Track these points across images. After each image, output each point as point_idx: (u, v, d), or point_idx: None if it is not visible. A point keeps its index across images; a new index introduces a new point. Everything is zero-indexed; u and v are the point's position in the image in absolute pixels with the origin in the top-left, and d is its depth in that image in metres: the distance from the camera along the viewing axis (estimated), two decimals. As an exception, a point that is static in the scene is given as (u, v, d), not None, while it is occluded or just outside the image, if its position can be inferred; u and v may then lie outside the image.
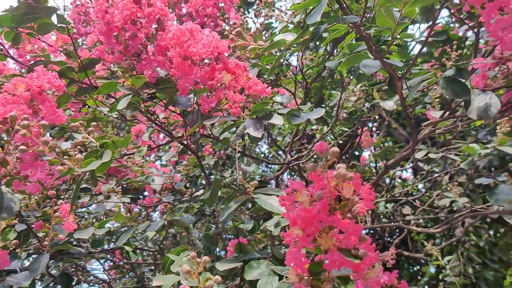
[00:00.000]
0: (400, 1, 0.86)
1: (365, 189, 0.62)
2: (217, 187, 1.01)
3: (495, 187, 1.21)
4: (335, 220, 0.57)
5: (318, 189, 0.57)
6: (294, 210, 0.59)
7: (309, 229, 0.57)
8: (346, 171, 0.57)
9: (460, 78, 0.90)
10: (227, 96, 0.93)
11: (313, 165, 0.59)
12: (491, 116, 0.95)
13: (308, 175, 0.57)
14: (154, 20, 0.98)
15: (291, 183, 0.58)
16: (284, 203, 0.58)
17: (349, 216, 0.60)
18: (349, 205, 0.61)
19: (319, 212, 0.57)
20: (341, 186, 0.62)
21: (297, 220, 0.57)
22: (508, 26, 0.68)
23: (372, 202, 0.62)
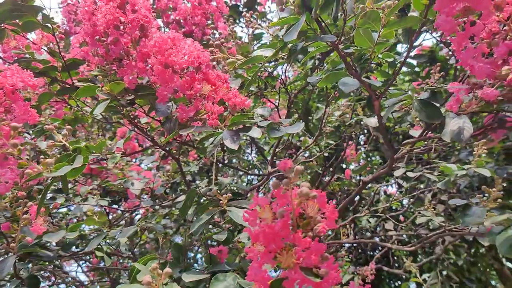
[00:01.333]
0: (378, 24, 0.87)
1: (329, 208, 0.63)
2: (190, 197, 1.01)
3: (468, 209, 1.23)
4: (296, 238, 0.57)
5: (281, 206, 0.57)
6: (257, 226, 0.59)
7: (271, 246, 0.57)
8: (308, 190, 0.58)
9: (434, 102, 0.91)
10: (205, 107, 0.93)
11: (277, 182, 0.59)
12: (463, 139, 0.97)
13: (272, 192, 0.57)
14: (137, 27, 0.98)
15: (255, 199, 0.59)
16: (248, 219, 0.58)
17: (311, 235, 0.60)
18: (311, 224, 0.61)
19: (280, 229, 0.58)
20: (306, 204, 0.63)
21: (258, 236, 0.57)
22: (477, 55, 0.70)
23: (335, 221, 0.63)
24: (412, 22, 0.89)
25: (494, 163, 2.27)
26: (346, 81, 1.01)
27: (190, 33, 1.23)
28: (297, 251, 0.59)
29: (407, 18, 0.89)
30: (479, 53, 0.71)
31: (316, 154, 2.38)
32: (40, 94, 1.33)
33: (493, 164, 2.18)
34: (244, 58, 0.90)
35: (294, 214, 0.60)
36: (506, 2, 0.65)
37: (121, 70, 1.01)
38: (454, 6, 0.69)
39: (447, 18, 0.69)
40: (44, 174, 0.75)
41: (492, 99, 0.75)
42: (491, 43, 0.70)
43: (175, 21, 1.19)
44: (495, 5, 0.66)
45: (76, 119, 1.66)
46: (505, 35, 0.71)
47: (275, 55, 0.84)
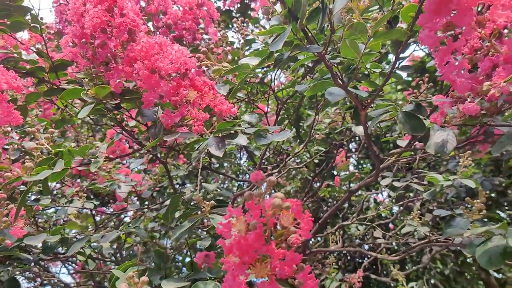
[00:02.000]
0: (364, 35, 0.88)
1: (304, 218, 0.63)
2: (174, 203, 1.00)
3: (452, 220, 1.24)
4: (270, 249, 0.57)
5: (255, 217, 0.57)
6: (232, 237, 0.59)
7: (244, 257, 0.57)
8: (281, 201, 0.58)
9: (418, 114, 0.92)
10: (190, 113, 0.93)
11: (250, 193, 0.59)
12: (446, 152, 0.98)
13: (245, 203, 0.57)
14: (125, 31, 0.98)
15: (229, 210, 0.58)
16: (222, 230, 0.58)
17: (284, 246, 0.60)
18: (285, 235, 0.62)
19: (253, 241, 0.58)
20: (282, 214, 0.63)
21: (232, 248, 0.57)
22: (459, 70, 0.71)
23: (309, 231, 0.63)
24: (398, 34, 0.90)
25: (481, 174, 2.29)
26: (332, 91, 1.02)
27: (180, 38, 1.23)
28: (272, 262, 0.59)
29: (394, 31, 0.90)
30: (461, 68, 0.72)
31: (306, 160, 2.38)
32: (27, 94, 1.32)
33: (481, 175, 2.20)
34: (230, 66, 0.90)
35: (268, 225, 0.60)
36: (488, 19, 0.66)
37: (107, 74, 1.00)
38: (437, 22, 0.70)
39: (429, 33, 0.70)
40: (23, 178, 0.74)
41: (473, 113, 0.75)
42: (472, 59, 0.71)
43: (165, 25, 1.18)
44: (477, 22, 0.67)
45: (64, 120, 1.64)
46: (487, 51, 0.71)
47: (261, 64, 0.84)
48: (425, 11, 0.69)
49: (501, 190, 2.83)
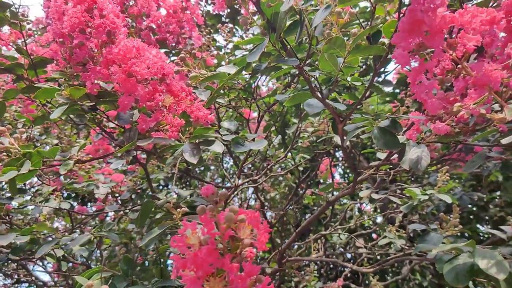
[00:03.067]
0: (343, 50, 0.88)
1: (261, 230, 0.63)
2: (146, 209, 0.99)
3: (426, 234, 1.25)
4: (224, 263, 0.57)
5: (209, 231, 0.56)
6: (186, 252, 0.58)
7: (199, 272, 0.56)
8: (233, 214, 0.58)
9: (393, 130, 0.93)
10: (165, 119, 0.92)
11: (203, 207, 0.58)
12: (420, 169, 0.99)
13: (199, 217, 0.57)
14: (103, 32, 0.97)
15: (184, 224, 0.58)
16: (176, 245, 0.57)
17: (239, 259, 0.60)
18: (240, 248, 0.61)
19: (206, 256, 0.57)
20: (239, 227, 0.63)
21: (186, 263, 0.56)
22: (429, 90, 0.72)
23: (265, 244, 0.63)
24: (376, 50, 0.90)
25: (461, 188, 2.33)
26: (311, 102, 1.02)
27: (163, 41, 1.22)
28: (229, 275, 0.58)
29: (373, 47, 0.91)
30: (431, 89, 0.72)
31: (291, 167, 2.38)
32: (6, 90, 1.30)
33: (460, 190, 2.23)
34: (207, 73, 0.90)
35: (223, 238, 0.59)
36: (458, 42, 0.66)
37: (84, 75, 0.99)
38: (410, 41, 0.70)
39: (402, 52, 0.71)
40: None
41: (443, 133, 0.76)
42: (443, 80, 0.72)
43: (148, 28, 1.17)
44: (448, 44, 0.68)
45: (44, 117, 1.61)
46: (458, 72, 0.72)
47: (237, 74, 0.84)
48: (399, 31, 0.69)
49: (482, 205, 2.88)
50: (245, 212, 0.65)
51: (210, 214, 0.59)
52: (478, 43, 0.64)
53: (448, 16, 0.65)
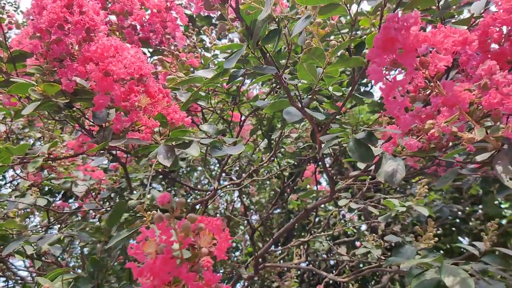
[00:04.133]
0: (322, 60, 0.88)
1: (221, 238, 0.62)
2: (119, 209, 0.97)
3: (401, 247, 1.25)
4: (181, 272, 0.56)
5: (167, 239, 0.56)
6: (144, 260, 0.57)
7: (155, 280, 0.55)
8: (190, 223, 0.57)
9: (369, 143, 0.93)
10: (140, 120, 0.90)
11: (160, 215, 0.57)
12: (395, 182, 0.99)
13: (156, 225, 0.56)
14: (82, 29, 0.95)
15: (143, 231, 0.57)
16: (134, 253, 0.56)
17: (196, 268, 0.59)
18: (199, 256, 0.61)
19: (162, 265, 0.56)
20: (201, 235, 0.62)
21: (142, 271, 0.55)
22: (401, 107, 0.72)
23: (225, 253, 0.62)
24: (356, 62, 0.91)
25: (442, 200, 2.35)
26: (290, 110, 1.02)
27: (146, 40, 1.21)
28: (187, 284, 0.58)
29: (352, 59, 0.91)
30: (403, 106, 0.72)
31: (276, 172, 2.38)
32: (-16, 82, 1.27)
33: (441, 201, 2.25)
34: (185, 77, 0.89)
35: (181, 247, 0.59)
36: (429, 62, 0.67)
37: (60, 71, 0.97)
38: (385, 58, 0.71)
39: (377, 68, 0.71)
40: None
41: (414, 149, 0.76)
42: (416, 98, 0.72)
43: (131, 26, 1.16)
44: (421, 62, 0.68)
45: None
46: (431, 90, 0.73)
47: (214, 79, 0.83)
48: (374, 47, 0.69)
49: (463, 217, 2.91)
50: (205, 220, 0.64)
51: (167, 222, 0.58)
52: (449, 63, 0.65)
53: (421, 35, 0.66)
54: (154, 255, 0.55)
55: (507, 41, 0.84)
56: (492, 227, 1.20)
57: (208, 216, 0.65)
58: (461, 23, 1.00)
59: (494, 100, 0.71)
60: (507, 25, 0.80)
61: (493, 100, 0.71)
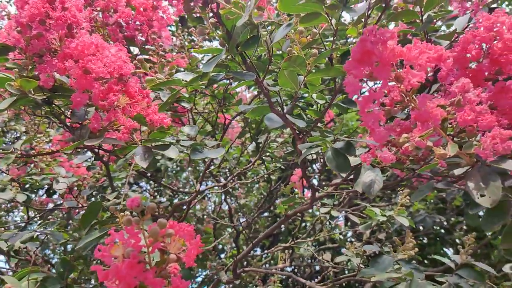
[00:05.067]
0: (303, 68, 0.88)
1: (193, 245, 0.62)
2: (93, 209, 0.96)
3: (379, 257, 1.25)
4: (147, 277, 0.55)
5: (134, 244, 0.55)
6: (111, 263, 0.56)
7: (121, 284, 0.54)
8: (158, 228, 0.57)
9: (347, 153, 0.93)
10: (118, 120, 0.89)
11: (129, 218, 0.57)
12: (372, 193, 0.99)
13: (125, 228, 0.55)
14: (63, 25, 0.94)
15: (111, 233, 0.56)
16: (101, 255, 0.55)
17: (163, 274, 0.59)
18: (167, 262, 0.60)
19: (128, 269, 0.55)
20: (172, 240, 0.61)
21: (108, 274, 0.54)
22: (375, 120, 0.72)
23: (193, 260, 0.62)
24: (336, 72, 0.91)
25: (426, 211, 2.36)
26: (271, 117, 1.01)
27: (132, 38, 1.20)
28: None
29: (333, 68, 0.91)
30: (377, 119, 0.72)
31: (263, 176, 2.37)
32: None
33: (425, 212, 2.27)
34: (164, 78, 0.88)
35: (149, 252, 0.58)
36: (403, 77, 0.67)
37: (39, 67, 0.96)
38: (362, 70, 0.70)
39: (353, 80, 0.71)
40: None
41: (388, 162, 0.76)
42: (390, 111, 0.72)
43: (116, 23, 1.15)
44: (396, 77, 0.68)
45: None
46: (406, 105, 0.73)
47: (193, 82, 0.82)
48: (351, 59, 0.69)
49: (447, 228, 2.93)
50: (176, 225, 0.63)
51: (136, 226, 0.58)
52: (422, 79, 0.65)
53: (397, 50, 0.66)
54: (121, 259, 0.54)
55: (486, 59, 0.85)
56: (469, 240, 1.21)
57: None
58: (444, 38, 1.01)
59: (468, 117, 0.72)
60: (486, 43, 0.81)
61: (467, 117, 0.72)
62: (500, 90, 0.81)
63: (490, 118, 0.72)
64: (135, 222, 0.57)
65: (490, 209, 0.77)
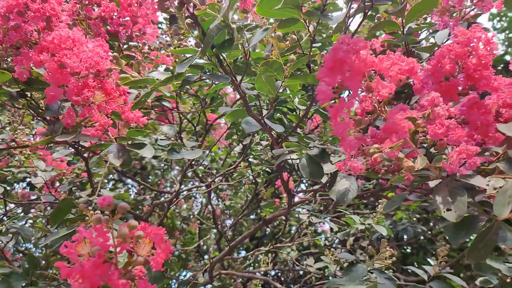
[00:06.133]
0: (281, 74, 0.88)
1: (163, 249, 0.61)
2: (64, 206, 0.95)
3: (354, 265, 1.25)
4: (111, 278, 0.54)
5: (102, 243, 0.54)
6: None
7: (84, 283, 0.54)
8: (127, 229, 0.56)
9: (321, 160, 0.93)
10: (92, 117, 0.88)
11: (98, 217, 0.56)
12: (346, 201, 0.99)
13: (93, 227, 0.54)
14: (42, 17, 0.93)
15: (80, 230, 0.55)
16: (67, 252, 0.54)
17: (128, 276, 0.58)
18: (133, 264, 0.59)
19: (91, 268, 0.55)
20: (142, 242, 0.61)
21: (72, 272, 0.53)
22: (345, 129, 0.72)
23: (161, 264, 0.61)
24: (313, 79, 0.90)
25: (408, 220, 2.38)
26: (249, 120, 1.01)
27: (115, 34, 1.19)
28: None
29: (309, 75, 0.91)
30: (345, 129, 0.72)
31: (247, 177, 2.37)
32: None
33: (406, 221, 2.28)
34: (139, 76, 0.88)
35: (116, 252, 0.57)
36: (373, 87, 0.67)
37: (15, 59, 0.94)
38: (334, 78, 0.70)
39: (325, 87, 0.70)
40: None
41: (357, 172, 0.76)
42: (361, 121, 0.72)
43: (100, 18, 1.14)
44: (367, 87, 0.68)
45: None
46: (377, 115, 0.73)
47: (167, 81, 0.82)
48: (324, 66, 0.69)
49: (429, 237, 2.95)
50: (148, 228, 0.62)
51: (105, 225, 0.57)
52: (392, 91, 0.65)
53: (369, 60, 0.66)
54: (86, 257, 0.53)
55: (461, 73, 0.85)
56: (443, 252, 1.21)
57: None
58: (425, 50, 1.01)
59: (439, 131, 0.72)
60: (461, 58, 0.81)
61: (438, 130, 0.72)
62: (472, 105, 0.82)
63: (460, 132, 0.73)
64: (104, 221, 0.56)
65: (457, 224, 0.77)
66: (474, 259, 0.77)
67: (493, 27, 4.26)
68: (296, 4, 0.75)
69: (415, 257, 2.91)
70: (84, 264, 0.54)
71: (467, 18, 0.97)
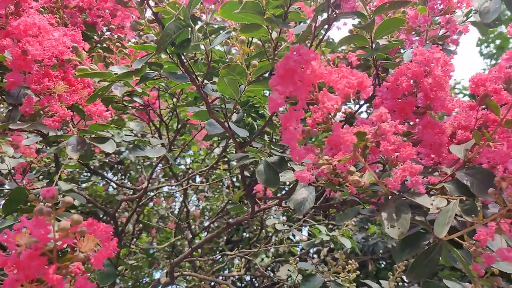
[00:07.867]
0: (244, 78, 0.88)
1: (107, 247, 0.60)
2: (16, 196, 0.93)
3: (312, 276, 1.25)
4: (46, 272, 0.54)
5: (42, 236, 0.53)
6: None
7: (19, 274, 0.53)
8: (68, 223, 0.55)
9: (278, 168, 0.93)
10: (51, 107, 0.88)
11: (40, 208, 0.55)
12: (303, 211, 0.99)
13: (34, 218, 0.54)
14: (10, 2, 0.92)
15: (22, 220, 0.54)
16: (6, 240, 0.54)
17: (64, 272, 0.57)
18: (72, 260, 0.59)
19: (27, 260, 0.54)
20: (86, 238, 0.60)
21: (7, 261, 0.52)
22: (293, 139, 0.72)
23: (102, 262, 0.60)
24: (276, 87, 0.90)
25: (379, 235, 2.39)
26: (213, 122, 1.01)
27: (93, 25, 1.18)
28: (49, 285, 0.55)
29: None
30: (294, 139, 0.72)
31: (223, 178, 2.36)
32: None
33: (378, 235, 2.29)
34: (97, 69, 0.87)
35: (55, 246, 0.56)
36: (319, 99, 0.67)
37: (-21, 42, 0.93)
38: (286, 87, 0.71)
39: (276, 96, 0.70)
40: None
41: (306, 182, 0.77)
42: (310, 132, 0.73)
43: (77, 7, 1.13)
44: (315, 98, 0.69)
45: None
46: (327, 127, 0.73)
47: (125, 76, 0.81)
48: (275, 74, 0.69)
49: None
50: (95, 224, 0.61)
51: (47, 218, 0.56)
52: (337, 104, 0.65)
53: (319, 71, 0.66)
54: (23, 248, 0.52)
55: (420, 93, 0.86)
56: (400, 268, 1.22)
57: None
58: (390, 66, 1.02)
59: (389, 147, 0.73)
60: (417, 77, 0.83)
61: (388, 147, 0.73)
62: (426, 124, 0.83)
63: (410, 150, 0.74)
64: (46, 213, 0.55)
65: (402, 241, 0.78)
66: (416, 277, 0.78)
67: (480, 52, 4.33)
68: (258, 10, 0.75)
69: (386, 272, 2.92)
70: (20, 254, 0.54)
71: (433, 38, 0.99)
